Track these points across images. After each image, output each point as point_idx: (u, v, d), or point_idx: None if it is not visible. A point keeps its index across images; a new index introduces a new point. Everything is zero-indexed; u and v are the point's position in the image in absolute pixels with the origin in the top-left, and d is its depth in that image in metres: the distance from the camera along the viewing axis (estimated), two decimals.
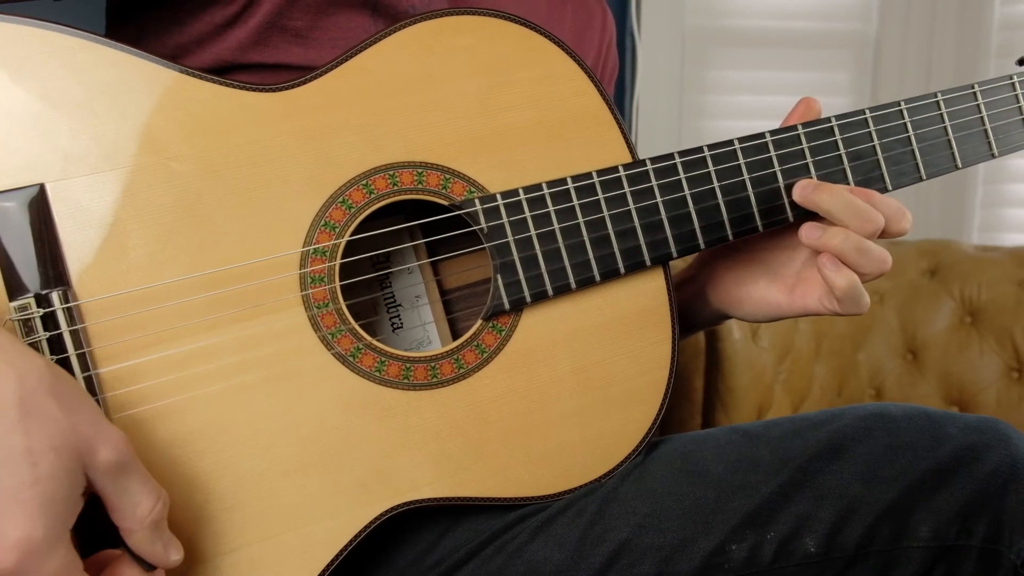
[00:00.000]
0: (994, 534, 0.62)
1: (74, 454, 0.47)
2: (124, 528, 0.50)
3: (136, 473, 0.50)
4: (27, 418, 0.45)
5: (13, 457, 0.44)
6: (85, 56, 0.58)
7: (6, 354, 0.47)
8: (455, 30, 0.65)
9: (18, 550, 0.44)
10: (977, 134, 0.76)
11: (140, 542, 0.51)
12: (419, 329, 0.74)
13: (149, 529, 0.50)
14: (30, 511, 0.44)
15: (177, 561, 0.52)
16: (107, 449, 0.48)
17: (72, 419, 0.47)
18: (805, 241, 0.68)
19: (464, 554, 0.69)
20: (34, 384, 0.46)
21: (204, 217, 0.60)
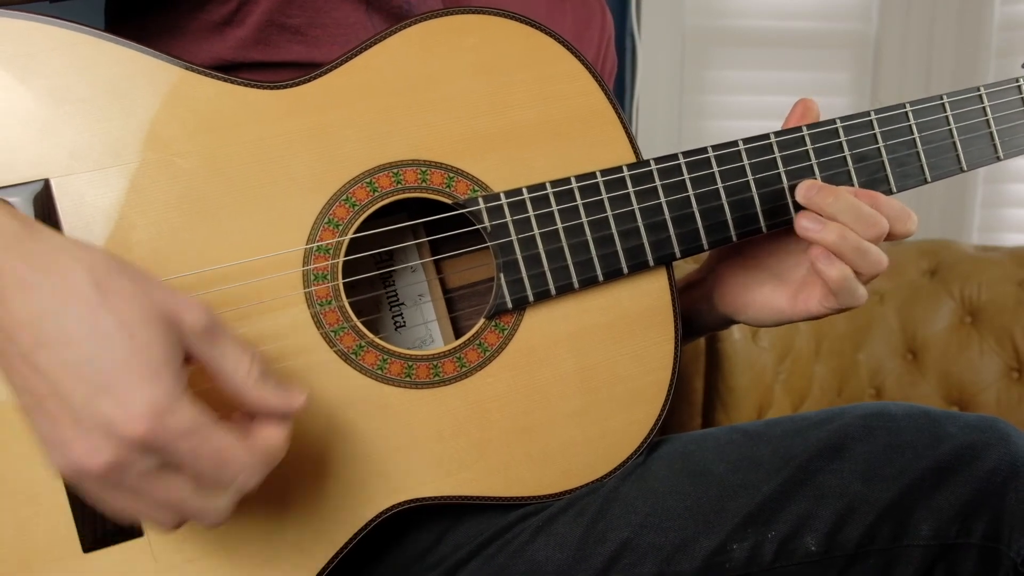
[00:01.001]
0: (994, 532, 0.62)
1: (164, 323, 0.47)
2: (237, 389, 0.50)
3: (225, 335, 0.49)
4: (109, 298, 0.46)
5: (110, 334, 0.45)
6: (90, 52, 0.58)
7: (69, 248, 0.47)
8: (460, 29, 0.66)
9: (148, 414, 0.44)
10: (983, 136, 0.76)
11: (258, 397, 0.50)
12: (421, 327, 0.74)
13: (260, 381, 0.50)
14: (144, 377, 0.45)
15: (302, 402, 0.51)
16: (193, 314, 0.48)
17: (150, 294, 0.47)
18: (800, 233, 0.67)
19: (465, 553, 0.69)
20: (104, 269, 0.47)
21: (208, 214, 0.60)
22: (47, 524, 0.57)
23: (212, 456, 0.46)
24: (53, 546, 0.57)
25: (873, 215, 0.66)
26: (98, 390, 0.44)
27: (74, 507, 0.58)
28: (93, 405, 0.44)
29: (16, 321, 0.45)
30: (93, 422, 0.44)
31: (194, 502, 0.48)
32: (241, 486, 0.48)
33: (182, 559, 0.59)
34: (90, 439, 0.45)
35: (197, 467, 0.46)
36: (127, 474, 0.46)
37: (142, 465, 0.46)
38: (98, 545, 0.58)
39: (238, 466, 0.47)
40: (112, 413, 0.44)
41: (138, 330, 0.45)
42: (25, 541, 0.57)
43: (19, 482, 0.57)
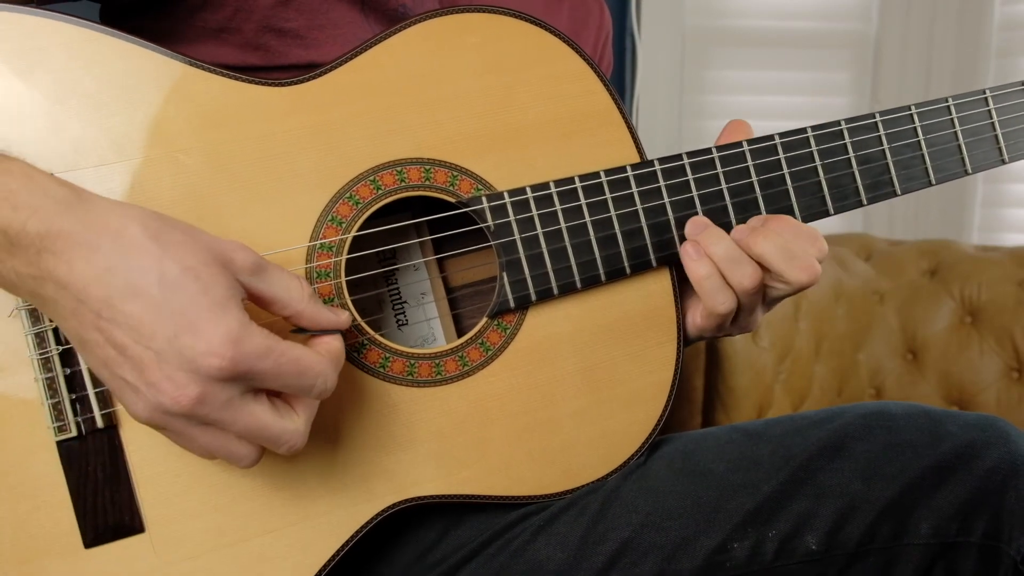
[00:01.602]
0: (994, 531, 0.62)
1: (218, 264, 0.50)
2: (293, 314, 0.54)
3: (272, 266, 0.54)
4: (167, 248, 0.49)
5: (177, 278, 0.48)
6: (96, 48, 0.58)
7: (117, 208, 0.50)
8: (464, 28, 0.66)
9: (227, 342, 0.48)
10: (988, 140, 0.76)
11: (313, 316, 0.55)
12: (424, 325, 0.74)
13: (312, 302, 0.55)
14: (215, 310, 0.48)
15: (348, 319, 0.57)
16: (241, 254, 0.51)
17: (200, 240, 0.50)
18: (687, 232, 0.68)
19: (467, 552, 0.69)
20: (155, 224, 0.50)
21: (211, 210, 0.60)
22: (48, 519, 0.57)
23: (292, 366, 0.50)
24: (54, 541, 0.57)
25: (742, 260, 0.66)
26: (177, 330, 0.47)
27: (75, 502, 0.58)
28: (176, 344, 0.47)
29: (84, 280, 0.48)
30: (178, 360, 0.48)
31: (275, 425, 0.51)
32: (321, 389, 0.52)
33: (183, 555, 0.59)
34: (177, 376, 0.48)
35: (281, 379, 0.51)
36: (213, 406, 0.49)
37: (226, 394, 0.49)
38: (99, 541, 0.58)
39: (316, 370, 0.52)
40: (195, 349, 0.47)
41: (201, 272, 0.49)
42: (26, 536, 0.57)
43: (19, 477, 0.57)
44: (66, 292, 0.48)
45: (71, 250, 0.48)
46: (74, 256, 0.48)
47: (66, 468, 0.58)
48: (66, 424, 0.57)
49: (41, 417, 0.57)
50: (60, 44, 0.57)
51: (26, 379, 0.57)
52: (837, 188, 0.72)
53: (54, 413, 0.57)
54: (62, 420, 0.57)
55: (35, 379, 0.57)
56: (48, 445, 0.57)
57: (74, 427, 0.57)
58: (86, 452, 0.58)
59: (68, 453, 0.58)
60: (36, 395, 0.57)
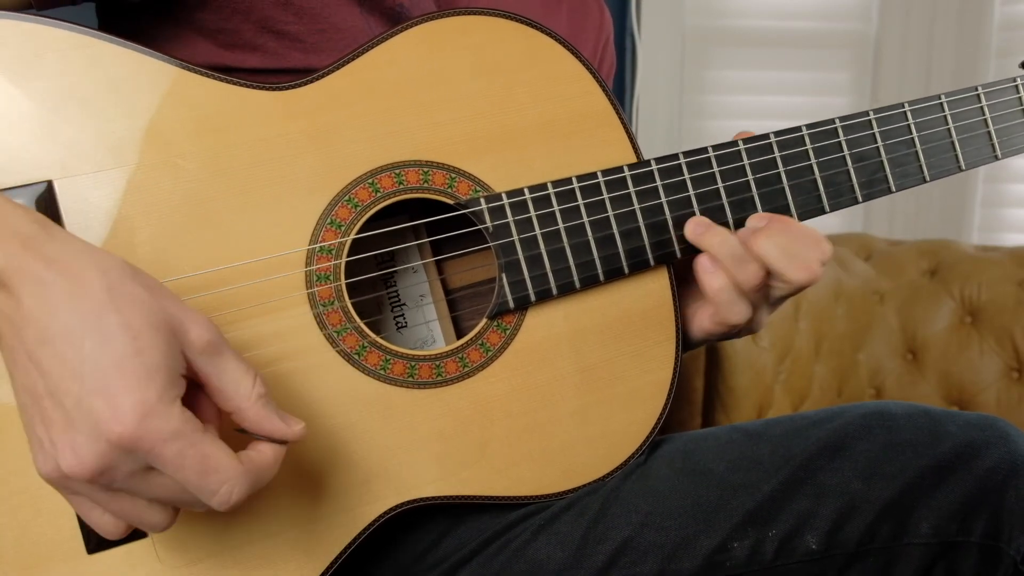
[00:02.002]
0: (994, 531, 0.62)
1: (168, 332, 0.47)
2: (236, 409, 0.50)
3: (229, 352, 0.50)
4: (118, 300, 0.46)
5: (113, 333, 0.45)
6: (93, 53, 0.58)
7: (87, 251, 0.48)
8: (461, 30, 0.66)
9: (135, 413, 0.44)
10: (981, 136, 0.76)
11: (256, 419, 0.50)
12: (423, 327, 0.74)
13: (259, 404, 0.50)
14: (138, 377, 0.45)
15: (301, 431, 0.51)
16: (198, 328, 0.48)
17: (159, 301, 0.47)
18: (688, 235, 0.69)
19: (467, 553, 0.69)
20: (118, 274, 0.47)
21: (210, 214, 0.60)
22: (50, 526, 0.57)
23: (197, 463, 0.46)
24: (57, 547, 0.57)
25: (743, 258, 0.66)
26: (91, 389, 0.45)
27: None
28: (84, 404, 0.45)
29: (25, 317, 0.46)
30: (84, 422, 0.45)
31: (185, 497, 0.48)
32: (222, 500, 0.47)
33: (186, 560, 0.59)
34: (78, 441, 0.45)
35: (181, 473, 0.46)
36: (116, 475, 0.46)
37: (130, 466, 0.46)
38: (102, 546, 0.58)
39: (223, 476, 0.47)
40: (101, 412, 0.44)
41: (141, 333, 0.46)
42: (28, 543, 0.57)
43: (20, 484, 0.57)
44: (10, 326, 0.46)
45: (24, 286, 0.46)
46: (24, 292, 0.46)
47: None
48: None
49: None
50: (57, 50, 0.57)
51: None
52: (833, 186, 0.72)
53: None
54: None
55: None
56: None
57: None
58: None
59: None
60: None
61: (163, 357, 0.46)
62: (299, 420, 0.52)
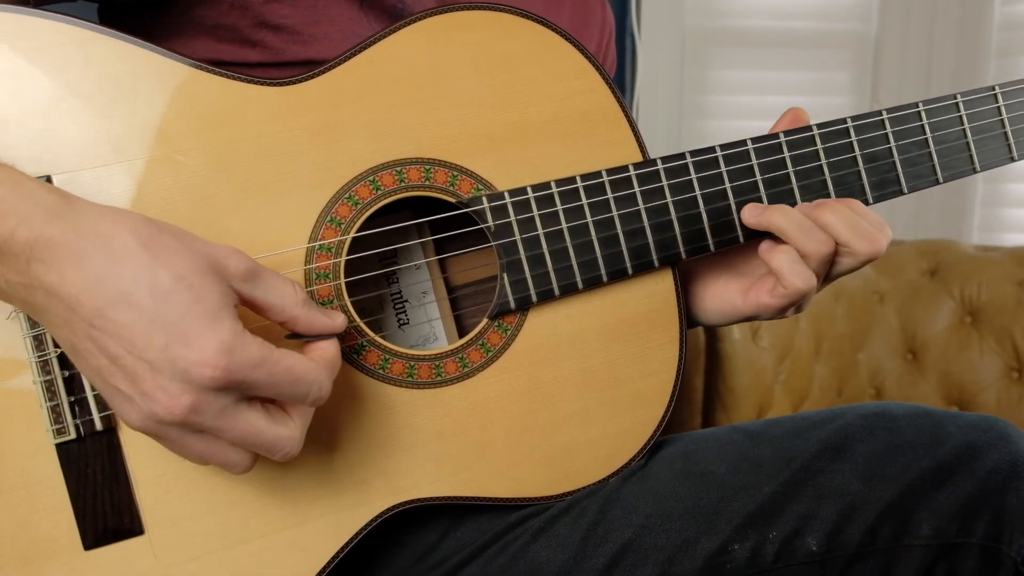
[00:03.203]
0: (995, 532, 0.62)
1: (212, 271, 0.50)
2: (287, 320, 0.54)
3: (266, 271, 0.53)
4: (158, 256, 0.48)
5: (169, 288, 0.48)
6: (95, 49, 0.58)
7: (108, 214, 0.49)
8: (465, 26, 0.65)
9: (220, 353, 0.47)
10: (997, 137, 0.75)
11: (308, 321, 0.54)
12: (425, 325, 0.74)
13: (306, 307, 0.54)
14: (209, 320, 0.48)
15: (344, 323, 0.57)
16: (234, 259, 0.51)
17: (192, 246, 0.50)
18: (747, 221, 0.69)
19: (466, 554, 0.69)
20: (146, 230, 0.49)
21: (210, 211, 0.60)
22: (47, 522, 0.57)
23: (286, 374, 0.50)
24: (54, 544, 0.57)
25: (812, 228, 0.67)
26: (170, 340, 0.47)
27: (75, 504, 0.58)
28: (168, 354, 0.47)
29: (75, 290, 0.47)
30: (171, 370, 0.47)
31: (270, 432, 0.51)
32: (316, 397, 0.52)
33: (183, 557, 0.59)
34: (170, 386, 0.47)
35: (275, 388, 0.50)
36: (207, 415, 0.49)
37: (220, 403, 0.49)
38: (99, 543, 0.58)
39: (310, 377, 0.51)
40: (188, 359, 0.47)
41: (194, 281, 0.48)
42: (25, 539, 0.57)
43: (18, 480, 0.57)
44: (57, 301, 0.48)
45: (61, 259, 0.47)
46: (64, 265, 0.47)
47: (65, 470, 0.58)
48: (65, 427, 0.57)
49: (40, 420, 0.57)
50: (58, 45, 0.57)
51: (25, 382, 0.57)
52: (843, 187, 0.72)
53: (53, 416, 0.57)
54: (61, 423, 0.57)
55: (33, 381, 0.57)
56: (47, 448, 0.57)
57: (73, 429, 0.57)
58: (85, 454, 0.58)
59: (67, 455, 0.58)
60: (35, 398, 0.57)
61: (220, 296, 0.49)
62: (338, 311, 0.57)
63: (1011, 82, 0.76)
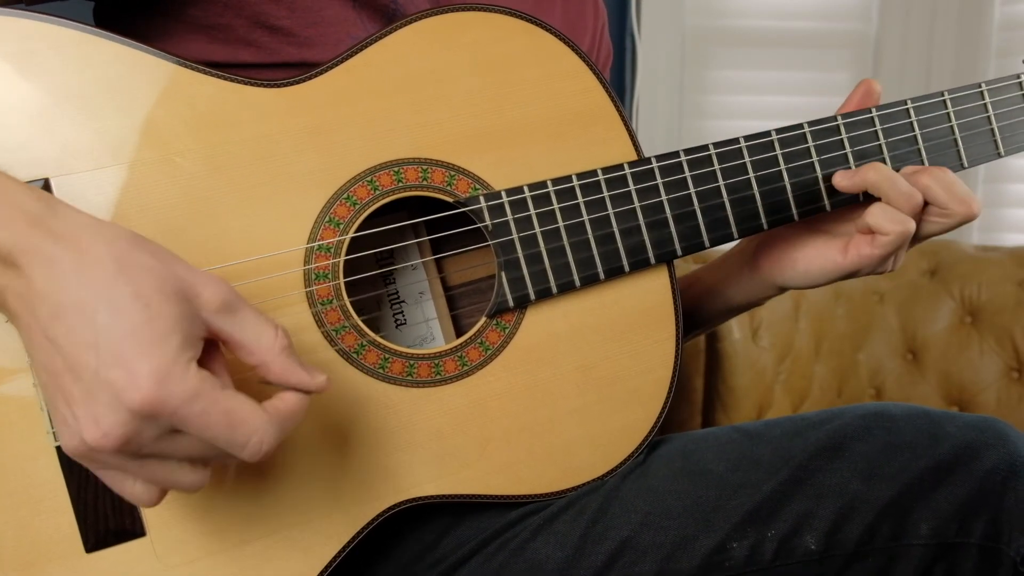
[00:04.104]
0: (994, 532, 0.62)
1: (181, 297, 0.47)
2: (260, 363, 0.50)
3: (246, 308, 0.50)
4: (127, 270, 0.46)
5: (124, 303, 0.45)
6: (90, 50, 0.58)
7: (91, 225, 0.48)
8: (460, 27, 0.66)
9: (152, 378, 0.44)
10: (984, 133, 0.76)
11: (281, 371, 0.50)
12: (422, 325, 0.74)
13: (283, 356, 0.50)
14: (152, 343, 0.45)
15: (324, 382, 0.51)
16: (210, 289, 0.48)
17: (169, 267, 0.47)
18: (841, 185, 0.71)
19: (466, 552, 0.69)
20: (125, 244, 0.47)
21: (208, 213, 0.60)
22: (49, 524, 0.57)
23: (222, 418, 0.46)
24: (55, 546, 0.57)
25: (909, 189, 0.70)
26: (107, 360, 0.45)
27: (76, 507, 0.58)
28: (102, 375, 0.45)
29: (37, 294, 0.46)
30: (104, 394, 0.45)
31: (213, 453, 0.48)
32: (253, 451, 0.48)
33: (184, 559, 0.59)
34: (100, 413, 0.45)
35: (208, 430, 0.46)
36: (140, 442, 0.46)
37: (151, 432, 0.46)
38: (100, 545, 0.58)
39: (251, 427, 0.47)
40: (118, 381, 0.44)
41: (152, 300, 0.46)
42: (27, 542, 0.57)
43: (19, 483, 0.57)
44: (24, 305, 0.47)
45: (33, 264, 0.46)
46: (34, 270, 0.46)
47: (66, 473, 0.58)
48: None
49: (41, 422, 0.57)
50: (54, 46, 0.57)
51: (25, 384, 0.57)
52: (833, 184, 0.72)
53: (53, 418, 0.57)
54: None
55: (33, 384, 0.57)
56: (48, 450, 0.57)
57: None
58: None
59: (68, 458, 0.57)
60: (35, 400, 0.57)
61: (175, 321, 0.46)
62: (322, 371, 0.52)
63: (996, 79, 0.77)
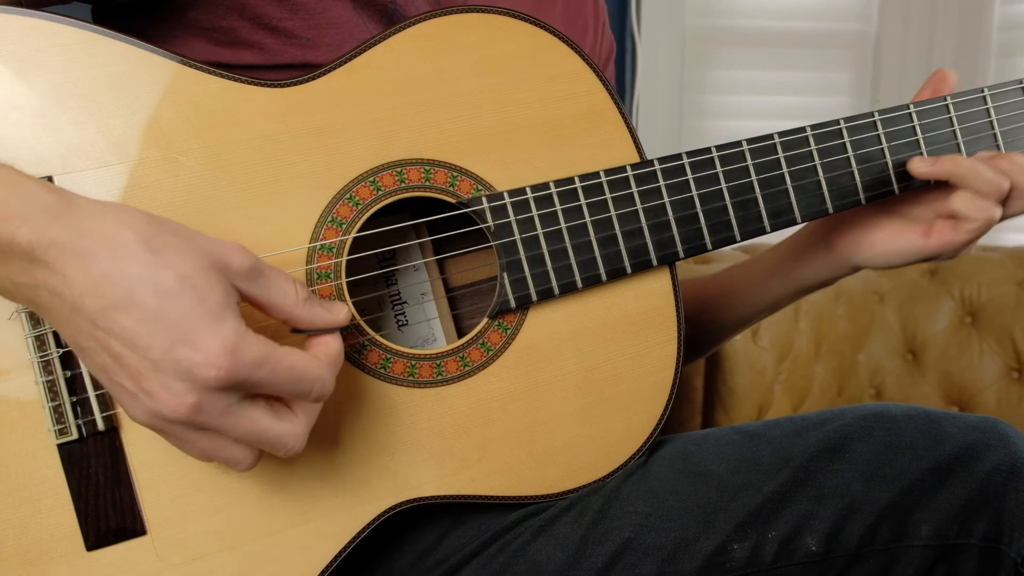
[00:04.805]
0: (994, 533, 0.62)
1: (214, 269, 0.49)
2: (289, 318, 0.54)
3: (268, 269, 0.53)
4: (161, 255, 0.48)
5: (172, 288, 0.48)
6: (94, 49, 0.58)
7: (109, 211, 0.49)
8: (463, 28, 0.66)
9: (224, 353, 0.47)
10: (986, 138, 0.76)
11: (310, 319, 0.54)
12: (424, 326, 0.74)
13: (307, 305, 0.54)
14: (212, 320, 0.48)
15: (348, 316, 0.56)
16: (237, 257, 0.51)
17: (195, 244, 0.50)
18: (918, 171, 0.72)
19: (467, 553, 0.69)
20: (148, 228, 0.49)
21: (211, 212, 0.60)
22: (50, 522, 0.57)
23: (288, 373, 0.50)
24: (56, 544, 0.57)
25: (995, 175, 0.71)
26: (173, 341, 0.47)
27: (77, 505, 0.58)
28: (172, 354, 0.47)
29: (79, 290, 0.47)
30: (174, 370, 0.47)
31: (274, 429, 0.51)
32: (319, 394, 0.52)
33: (185, 557, 0.59)
34: (174, 386, 0.47)
35: (278, 386, 0.50)
36: (211, 414, 0.49)
37: (224, 402, 0.49)
38: (101, 543, 0.58)
39: (313, 375, 0.52)
40: (191, 359, 0.47)
41: (197, 280, 0.48)
42: (28, 539, 0.57)
43: (21, 480, 0.57)
44: (61, 301, 0.48)
45: (64, 259, 0.47)
46: (67, 266, 0.47)
47: (67, 471, 0.58)
48: (67, 427, 0.57)
49: (42, 420, 0.57)
50: (58, 45, 0.57)
51: (26, 382, 0.57)
52: (836, 187, 0.72)
53: (55, 416, 0.57)
54: (63, 423, 0.57)
55: (35, 382, 0.57)
56: (49, 448, 0.57)
57: (75, 430, 0.57)
58: (87, 455, 0.58)
59: (69, 456, 0.58)
60: (37, 398, 0.57)
61: (223, 295, 0.49)
62: (340, 304, 0.56)
63: (999, 84, 0.78)
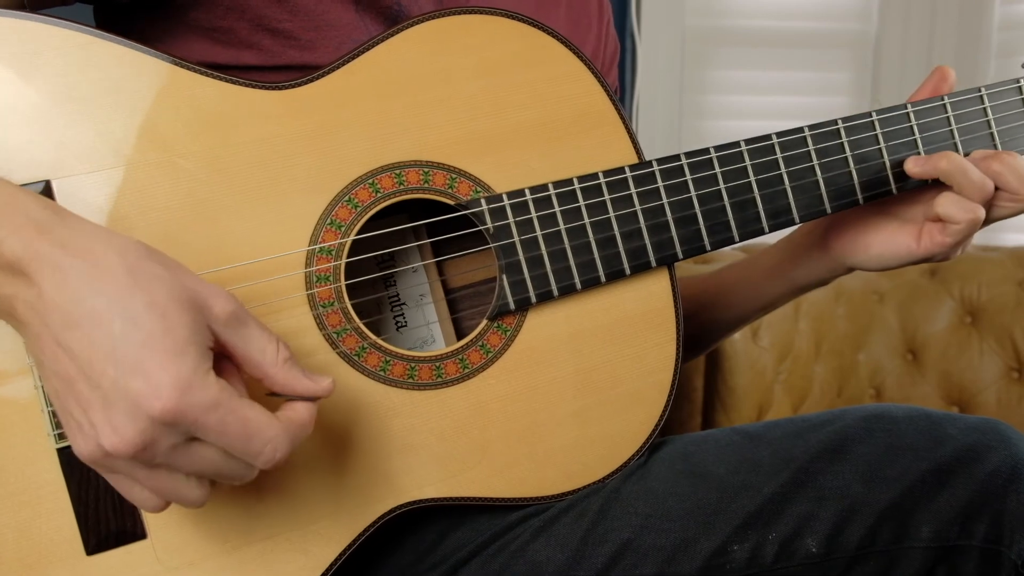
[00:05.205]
0: (995, 534, 0.62)
1: (193, 306, 0.48)
2: (264, 375, 0.51)
3: (252, 322, 0.51)
4: (140, 280, 0.47)
5: (140, 313, 0.46)
6: (93, 52, 0.58)
7: (101, 234, 0.48)
8: (462, 30, 0.66)
9: (174, 388, 0.45)
10: (983, 137, 0.76)
11: (285, 381, 0.51)
12: (423, 328, 0.74)
13: (286, 367, 0.51)
14: (172, 353, 0.46)
15: (329, 386, 0.53)
16: (220, 300, 0.49)
17: (179, 278, 0.48)
18: (912, 171, 0.72)
19: (466, 554, 0.69)
20: (135, 254, 0.48)
21: (210, 215, 0.60)
22: (50, 527, 0.57)
23: (239, 426, 0.47)
24: (56, 548, 0.57)
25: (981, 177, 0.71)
26: (126, 369, 0.45)
27: (77, 509, 0.58)
28: (121, 384, 0.45)
29: (49, 303, 0.46)
30: (122, 402, 0.45)
31: (226, 468, 0.49)
32: (268, 459, 0.49)
33: (185, 561, 0.59)
34: (118, 419, 0.45)
35: (226, 437, 0.47)
36: (156, 451, 0.46)
37: (169, 440, 0.46)
38: (101, 547, 0.58)
39: (266, 435, 0.48)
40: (139, 389, 0.45)
41: (168, 309, 0.46)
42: (28, 544, 0.57)
43: (20, 484, 0.57)
44: (34, 314, 0.47)
45: (43, 272, 0.46)
46: (45, 279, 0.46)
47: (67, 475, 0.58)
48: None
49: (41, 424, 0.57)
50: (56, 48, 0.57)
51: (25, 386, 0.57)
52: (834, 187, 0.72)
53: (54, 420, 0.57)
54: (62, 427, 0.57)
55: (35, 386, 0.57)
56: (49, 452, 0.57)
57: None
58: None
59: (68, 460, 0.57)
60: (36, 402, 0.57)
61: (192, 332, 0.47)
62: (325, 376, 0.53)
63: (996, 83, 0.77)
